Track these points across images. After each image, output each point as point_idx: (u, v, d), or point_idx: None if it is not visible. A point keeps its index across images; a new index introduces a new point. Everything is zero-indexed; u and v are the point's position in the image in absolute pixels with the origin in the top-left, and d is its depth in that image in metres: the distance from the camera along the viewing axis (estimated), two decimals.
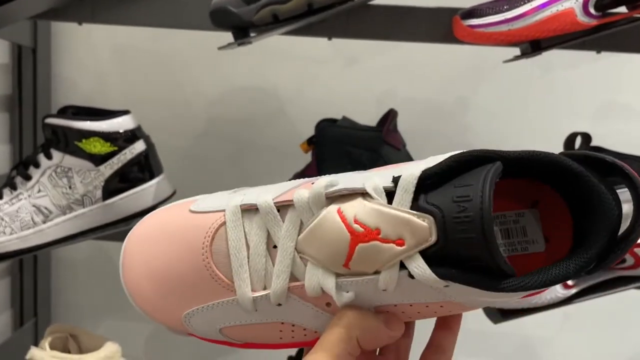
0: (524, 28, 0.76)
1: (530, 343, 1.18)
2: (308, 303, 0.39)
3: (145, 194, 0.87)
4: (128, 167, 0.85)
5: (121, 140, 0.85)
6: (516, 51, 0.83)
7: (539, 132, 1.13)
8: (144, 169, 0.87)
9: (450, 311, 0.39)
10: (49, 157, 0.84)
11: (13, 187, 0.85)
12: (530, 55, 0.80)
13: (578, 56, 0.92)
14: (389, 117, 0.88)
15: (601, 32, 0.78)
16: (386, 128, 0.86)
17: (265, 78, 1.16)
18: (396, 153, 0.85)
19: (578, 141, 0.88)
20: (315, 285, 0.38)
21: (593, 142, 0.88)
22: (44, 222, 0.84)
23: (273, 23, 0.78)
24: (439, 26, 0.84)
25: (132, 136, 0.86)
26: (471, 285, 0.36)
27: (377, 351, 0.45)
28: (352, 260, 0.37)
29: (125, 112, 0.86)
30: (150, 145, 0.88)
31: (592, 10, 0.75)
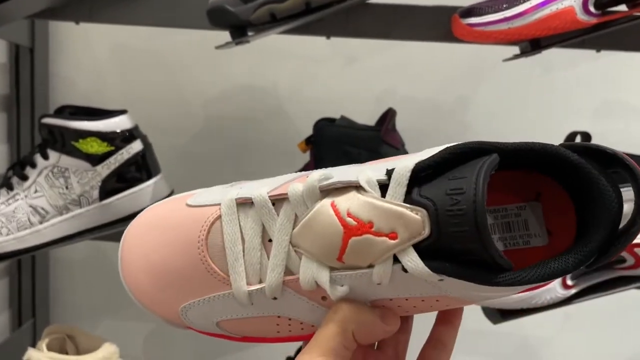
0: (524, 26, 0.75)
1: (530, 343, 1.17)
2: (303, 297, 0.39)
3: (142, 194, 0.86)
4: (125, 167, 0.85)
5: (118, 140, 0.84)
6: (516, 50, 0.83)
7: (539, 131, 1.12)
8: (141, 169, 0.87)
9: (447, 305, 0.39)
10: (46, 157, 0.84)
11: (9, 188, 0.85)
12: (529, 53, 0.80)
13: (578, 55, 0.92)
14: (388, 117, 0.88)
15: (601, 31, 0.78)
16: (385, 127, 0.86)
17: (264, 77, 1.16)
18: (395, 152, 0.85)
19: (578, 140, 0.88)
20: (309, 278, 0.38)
21: (593, 141, 0.87)
22: (41, 223, 0.84)
23: (271, 22, 0.77)
24: (438, 25, 0.84)
25: (130, 136, 0.85)
26: (465, 279, 0.35)
27: (375, 345, 0.44)
28: (346, 253, 0.36)
29: (122, 112, 0.86)
30: (147, 145, 0.88)
31: (592, 8, 0.75)
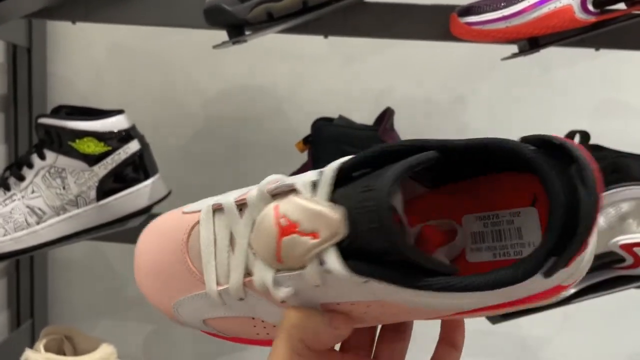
0: (522, 25, 0.75)
1: (529, 343, 1.17)
2: (265, 299, 0.40)
3: (139, 194, 0.86)
4: (122, 167, 0.85)
5: (115, 140, 0.84)
6: (514, 48, 0.83)
7: (538, 130, 1.11)
8: (139, 169, 0.86)
9: (395, 314, 0.38)
10: (43, 158, 0.84)
11: (6, 188, 0.84)
12: (528, 52, 0.80)
13: (577, 54, 0.92)
14: (386, 116, 0.88)
15: (599, 29, 0.77)
16: (383, 127, 0.85)
17: (262, 76, 1.15)
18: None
19: (577, 139, 0.87)
20: (259, 280, 0.39)
21: (592, 140, 0.87)
22: (38, 223, 0.83)
23: (268, 21, 0.77)
24: (437, 24, 0.84)
25: (127, 136, 0.85)
26: (384, 280, 0.34)
27: (372, 354, 0.44)
28: (281, 254, 0.37)
29: (119, 112, 0.86)
30: (144, 145, 0.87)
31: (591, 7, 0.75)
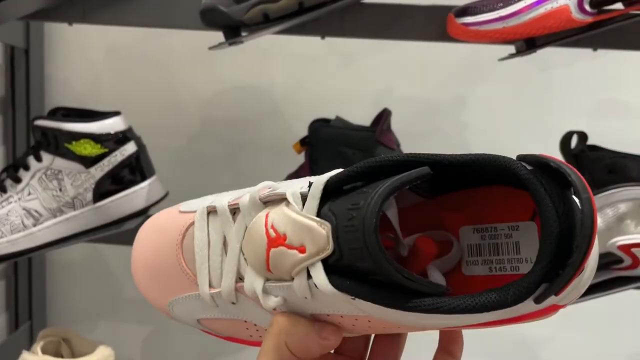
0: (519, 26, 0.75)
1: (529, 343, 1.17)
2: (256, 304, 0.40)
3: (136, 196, 0.86)
4: (119, 169, 0.85)
5: (112, 141, 0.84)
6: (512, 49, 0.82)
7: (536, 131, 1.12)
8: (135, 171, 0.86)
9: (384, 328, 0.38)
10: (39, 160, 0.83)
11: (3, 190, 0.84)
12: (525, 53, 0.79)
13: (575, 54, 0.91)
14: (383, 117, 0.87)
15: (596, 30, 0.77)
16: (380, 128, 0.85)
17: (259, 77, 1.15)
18: (390, 153, 0.84)
19: (574, 140, 0.87)
20: (249, 287, 0.39)
21: (591, 140, 0.87)
22: (35, 226, 0.83)
23: (264, 22, 0.77)
24: (434, 24, 0.83)
25: (123, 138, 0.85)
26: (370, 301, 0.34)
27: (366, 358, 0.44)
28: (270, 265, 0.37)
29: (115, 114, 0.86)
30: (141, 146, 0.87)
31: (587, 7, 0.74)
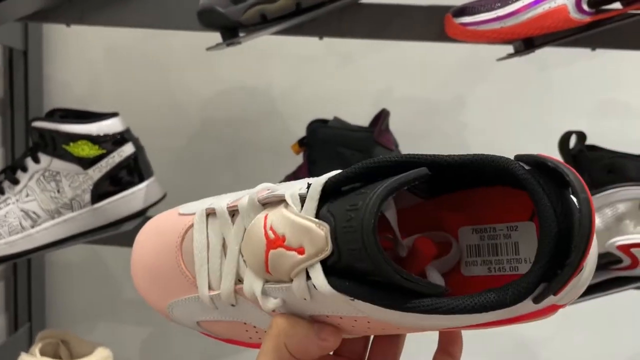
0: (517, 25, 0.75)
1: (528, 343, 1.17)
2: (255, 306, 0.40)
3: (134, 197, 0.86)
4: (117, 170, 0.85)
5: (109, 143, 0.84)
6: (511, 49, 0.82)
7: (535, 131, 1.12)
8: (133, 172, 0.86)
9: (383, 329, 0.38)
10: (37, 161, 0.83)
11: (1, 192, 0.85)
12: (523, 53, 0.79)
13: (574, 53, 0.91)
14: (381, 118, 0.87)
15: (594, 29, 0.77)
16: (378, 128, 0.85)
17: (258, 78, 1.15)
18: (388, 154, 0.84)
19: (573, 140, 0.87)
20: (248, 288, 0.39)
21: (590, 140, 0.87)
22: (33, 227, 0.83)
23: (262, 23, 0.77)
24: (432, 24, 0.83)
25: (121, 139, 0.85)
26: (369, 302, 0.34)
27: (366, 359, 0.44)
28: (269, 266, 0.37)
29: (113, 115, 0.86)
30: (139, 147, 0.87)
31: (585, 6, 0.74)
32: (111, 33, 1.11)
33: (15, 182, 0.84)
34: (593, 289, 0.85)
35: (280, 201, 0.38)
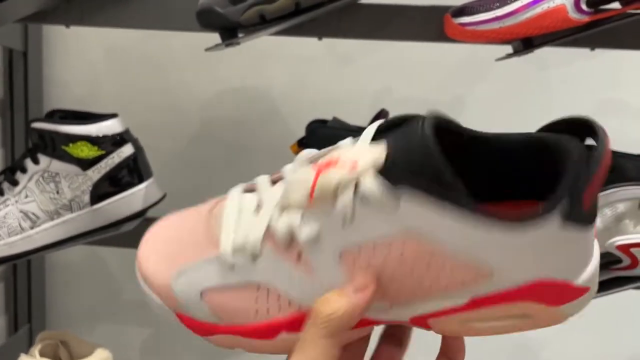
0: (515, 25, 0.75)
1: (528, 343, 1.17)
2: (280, 256, 0.40)
3: (134, 198, 0.86)
4: (116, 171, 0.85)
5: (109, 143, 0.84)
6: (510, 49, 0.82)
7: (535, 130, 1.11)
8: (133, 173, 0.86)
9: (415, 259, 0.38)
10: (36, 162, 0.83)
11: (0, 193, 0.84)
12: (522, 53, 0.79)
13: (573, 53, 0.91)
14: (380, 118, 0.87)
15: (593, 29, 0.77)
16: None
17: (257, 78, 1.15)
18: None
19: None
20: (282, 225, 0.39)
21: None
22: (32, 228, 0.83)
23: (261, 23, 0.77)
24: (431, 25, 0.83)
25: (120, 140, 0.85)
26: (418, 187, 0.35)
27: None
28: (314, 192, 0.38)
29: (112, 116, 0.86)
30: (138, 148, 0.87)
31: (584, 6, 0.74)
32: (111, 33, 1.11)
33: (14, 183, 0.84)
34: None
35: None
